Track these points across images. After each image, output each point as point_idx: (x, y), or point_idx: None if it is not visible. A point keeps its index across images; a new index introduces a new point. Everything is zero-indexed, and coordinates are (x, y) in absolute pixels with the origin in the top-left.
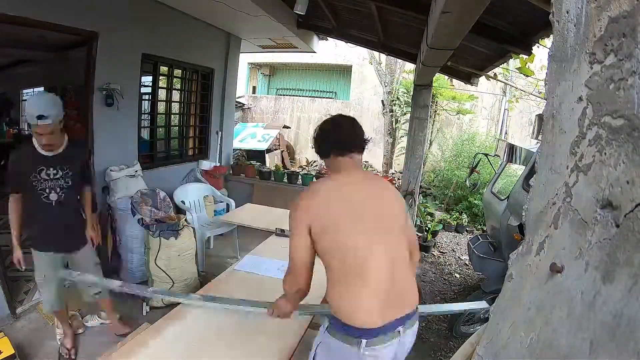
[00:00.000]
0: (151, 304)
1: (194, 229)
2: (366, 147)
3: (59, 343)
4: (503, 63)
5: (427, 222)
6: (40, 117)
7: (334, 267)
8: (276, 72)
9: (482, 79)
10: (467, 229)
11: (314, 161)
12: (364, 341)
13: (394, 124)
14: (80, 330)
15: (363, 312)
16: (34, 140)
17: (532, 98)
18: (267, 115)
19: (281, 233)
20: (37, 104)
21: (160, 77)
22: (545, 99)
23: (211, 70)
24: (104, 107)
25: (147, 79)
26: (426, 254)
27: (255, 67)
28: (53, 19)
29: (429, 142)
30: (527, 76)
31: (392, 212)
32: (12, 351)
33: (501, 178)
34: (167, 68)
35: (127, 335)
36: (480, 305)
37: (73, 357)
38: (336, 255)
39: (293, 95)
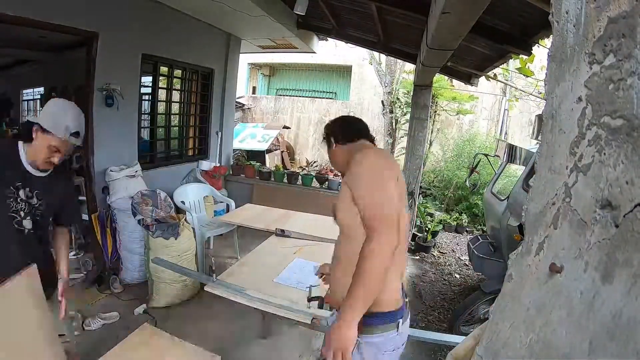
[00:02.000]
0: (151, 304)
1: (193, 229)
2: None
3: None
4: (503, 63)
5: (427, 222)
6: (75, 134)
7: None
8: (276, 72)
9: (482, 79)
10: (467, 229)
11: (314, 161)
12: (400, 320)
13: (394, 124)
14: (77, 333)
15: (396, 293)
16: (21, 147)
17: (532, 98)
18: (267, 116)
19: (281, 233)
20: (74, 117)
21: (160, 78)
22: (545, 99)
23: (211, 70)
24: (104, 107)
25: (147, 79)
26: (426, 254)
27: (255, 67)
28: (53, 19)
29: (429, 142)
30: (527, 76)
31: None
32: None
33: (501, 178)
34: (167, 68)
35: None
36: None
37: None
38: None
39: (293, 96)
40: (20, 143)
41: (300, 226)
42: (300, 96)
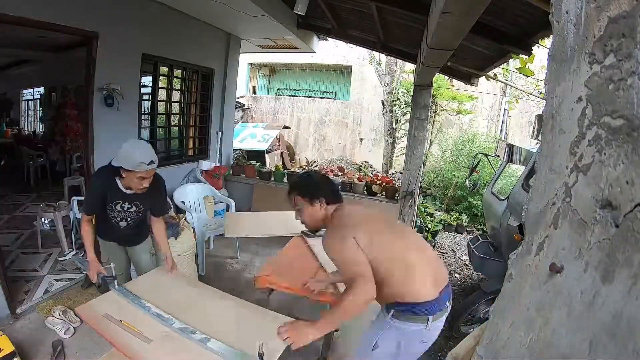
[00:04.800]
0: None
1: (194, 229)
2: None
3: (60, 336)
4: (503, 63)
5: (427, 222)
6: (150, 163)
7: (383, 269)
8: (276, 72)
9: (482, 79)
10: (467, 229)
11: (314, 161)
12: (430, 317)
13: (394, 124)
14: (76, 324)
15: (424, 287)
16: (118, 180)
17: (532, 98)
18: (267, 116)
19: (313, 234)
20: (145, 151)
21: (160, 77)
22: (545, 99)
23: (211, 70)
24: (104, 107)
25: (147, 79)
26: None
27: (255, 67)
28: (53, 19)
29: (429, 142)
30: (527, 76)
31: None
32: (12, 348)
33: (501, 178)
34: (167, 68)
35: None
36: None
37: None
38: (383, 259)
39: (293, 96)
40: (117, 178)
41: None
42: (300, 96)
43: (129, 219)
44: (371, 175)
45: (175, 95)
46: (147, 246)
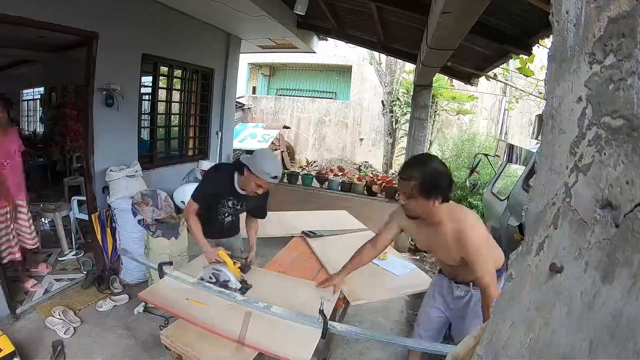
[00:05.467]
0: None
1: None
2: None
3: (60, 336)
4: (503, 63)
5: None
6: (274, 177)
7: None
8: (276, 72)
9: (482, 79)
10: None
11: (314, 161)
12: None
13: (394, 124)
14: (76, 324)
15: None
16: (236, 176)
17: (532, 98)
18: (267, 116)
19: (313, 235)
20: (275, 166)
21: (160, 78)
22: (545, 99)
23: (211, 70)
24: (104, 107)
25: (147, 79)
26: (426, 254)
27: (255, 67)
28: (53, 19)
29: (429, 142)
30: (527, 76)
31: None
32: (12, 348)
33: (501, 178)
34: (167, 68)
35: None
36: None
37: None
38: None
39: (293, 96)
40: (236, 173)
41: (311, 224)
42: (300, 96)
43: (233, 216)
44: (371, 176)
45: (175, 95)
46: (239, 242)
